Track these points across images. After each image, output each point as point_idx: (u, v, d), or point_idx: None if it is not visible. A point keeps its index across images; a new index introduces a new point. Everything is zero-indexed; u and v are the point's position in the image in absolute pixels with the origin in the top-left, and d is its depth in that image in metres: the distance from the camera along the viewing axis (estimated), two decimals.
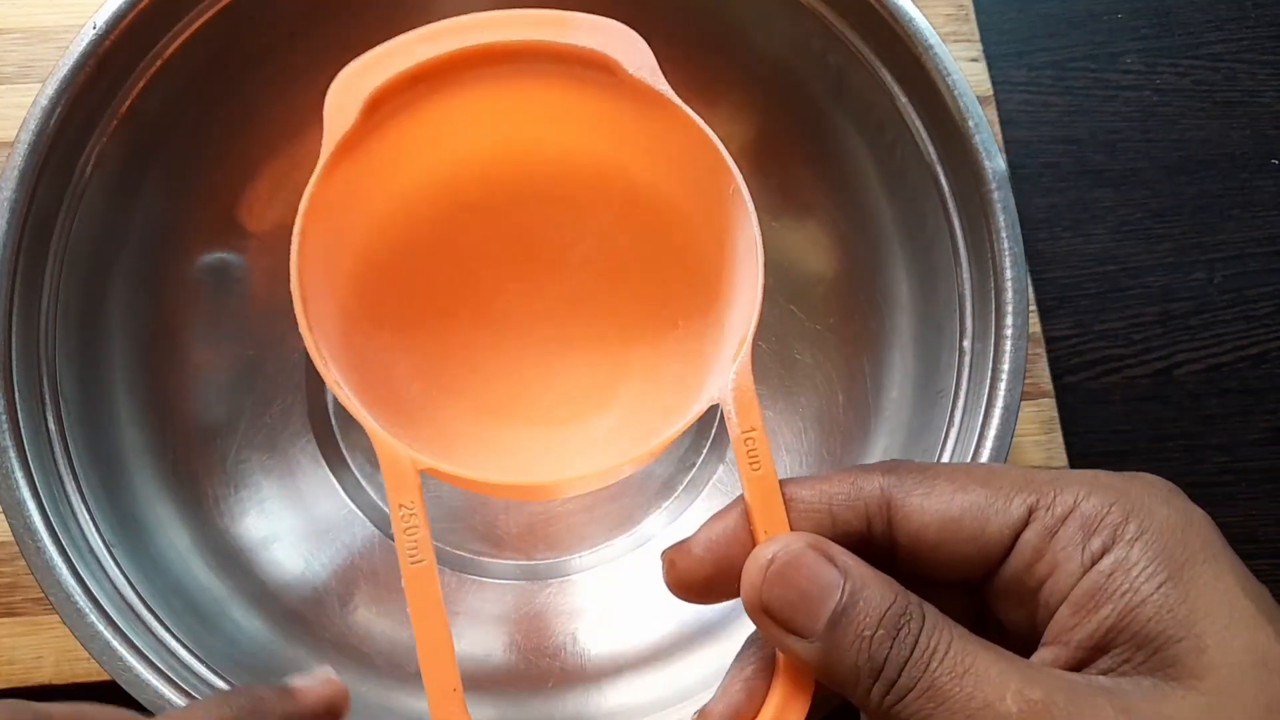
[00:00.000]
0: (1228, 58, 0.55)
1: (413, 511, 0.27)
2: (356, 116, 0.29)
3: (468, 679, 0.42)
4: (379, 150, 0.30)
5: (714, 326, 0.31)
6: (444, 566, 0.45)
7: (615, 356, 0.35)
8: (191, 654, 0.35)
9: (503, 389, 0.34)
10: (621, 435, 0.32)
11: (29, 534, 0.34)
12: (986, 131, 0.37)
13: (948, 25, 0.51)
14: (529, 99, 0.31)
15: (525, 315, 0.35)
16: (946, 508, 0.26)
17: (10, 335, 0.35)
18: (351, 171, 0.30)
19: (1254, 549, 0.49)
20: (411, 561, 0.27)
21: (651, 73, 0.30)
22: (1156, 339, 0.51)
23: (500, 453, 0.33)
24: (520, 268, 0.35)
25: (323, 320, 0.29)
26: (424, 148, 0.32)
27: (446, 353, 0.34)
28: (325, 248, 0.29)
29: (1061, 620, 0.24)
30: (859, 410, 0.43)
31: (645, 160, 0.32)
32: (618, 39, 0.30)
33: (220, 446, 0.43)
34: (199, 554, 0.40)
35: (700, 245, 0.32)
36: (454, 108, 0.31)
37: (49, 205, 0.37)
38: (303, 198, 0.28)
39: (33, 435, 0.35)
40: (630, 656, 0.43)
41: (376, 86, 0.29)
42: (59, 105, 0.36)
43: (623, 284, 0.35)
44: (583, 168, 0.33)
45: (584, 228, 0.35)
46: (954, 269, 0.39)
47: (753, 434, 0.27)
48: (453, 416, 0.33)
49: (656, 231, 0.33)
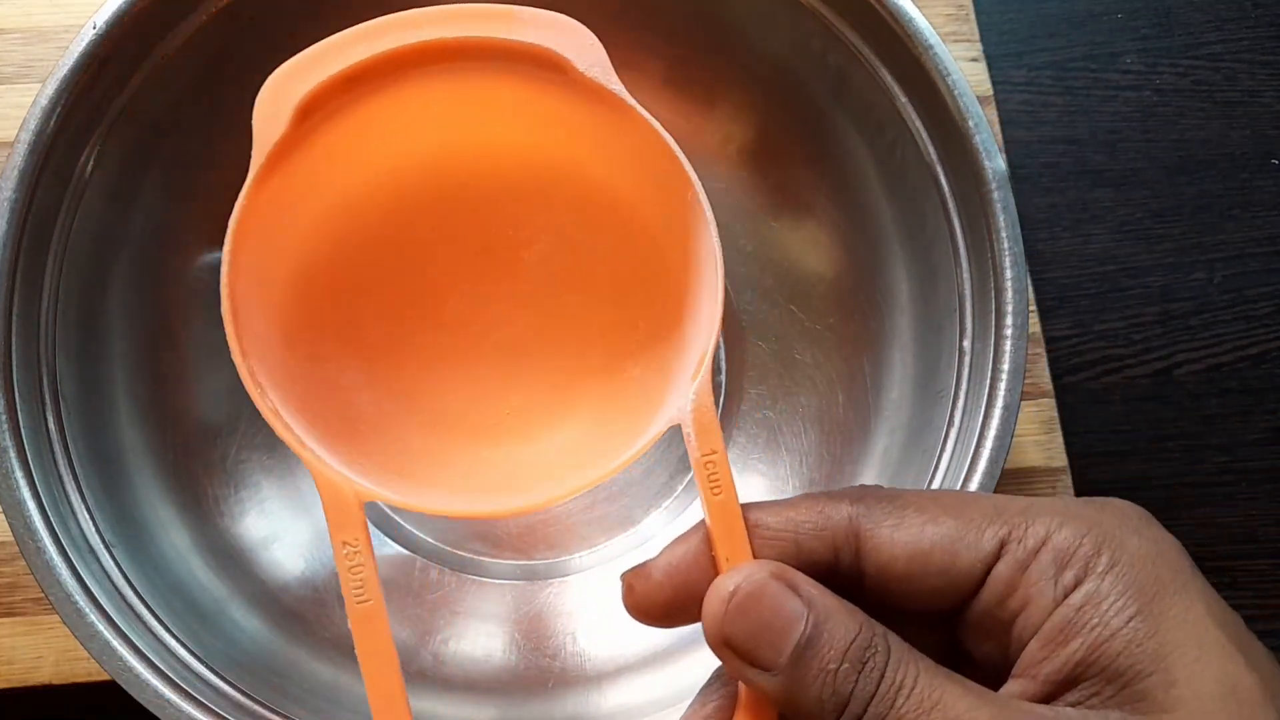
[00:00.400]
0: (1228, 58, 0.55)
1: (357, 549, 0.26)
2: (287, 124, 0.28)
3: (467, 679, 0.42)
4: (315, 158, 0.29)
5: (676, 331, 0.30)
6: (443, 566, 0.45)
7: (574, 360, 0.33)
8: (191, 654, 0.35)
9: (457, 398, 0.33)
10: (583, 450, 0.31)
11: (29, 534, 0.34)
12: (986, 131, 0.37)
13: (947, 25, 0.51)
14: (476, 98, 0.30)
15: (479, 319, 0.34)
16: (916, 540, 0.25)
17: (10, 335, 0.35)
18: (286, 182, 0.28)
19: (1254, 549, 0.49)
20: (358, 601, 0.25)
21: (604, 71, 0.28)
22: (1156, 339, 0.51)
23: (454, 471, 0.32)
24: (474, 269, 0.34)
25: (261, 339, 0.28)
26: (365, 152, 0.30)
27: (397, 360, 0.33)
28: (261, 262, 0.28)
29: (1031, 653, 0.24)
30: (859, 410, 0.43)
31: (602, 160, 0.31)
32: (568, 36, 0.28)
33: (220, 446, 0.43)
34: (199, 554, 0.40)
35: (661, 249, 0.31)
36: (395, 109, 0.30)
37: (49, 205, 0.37)
38: (232, 215, 0.27)
39: (32, 435, 0.35)
40: (629, 657, 0.43)
41: (308, 91, 0.28)
42: (59, 105, 0.36)
43: (581, 284, 0.34)
44: (537, 164, 0.32)
45: (540, 224, 0.33)
46: (954, 269, 0.39)
47: (713, 457, 0.26)
48: (405, 430, 0.32)
49: (615, 231, 0.32)
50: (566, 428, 0.32)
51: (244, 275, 0.27)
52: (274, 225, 0.28)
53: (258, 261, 0.28)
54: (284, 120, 0.28)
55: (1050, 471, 0.47)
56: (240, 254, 0.27)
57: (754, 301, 0.47)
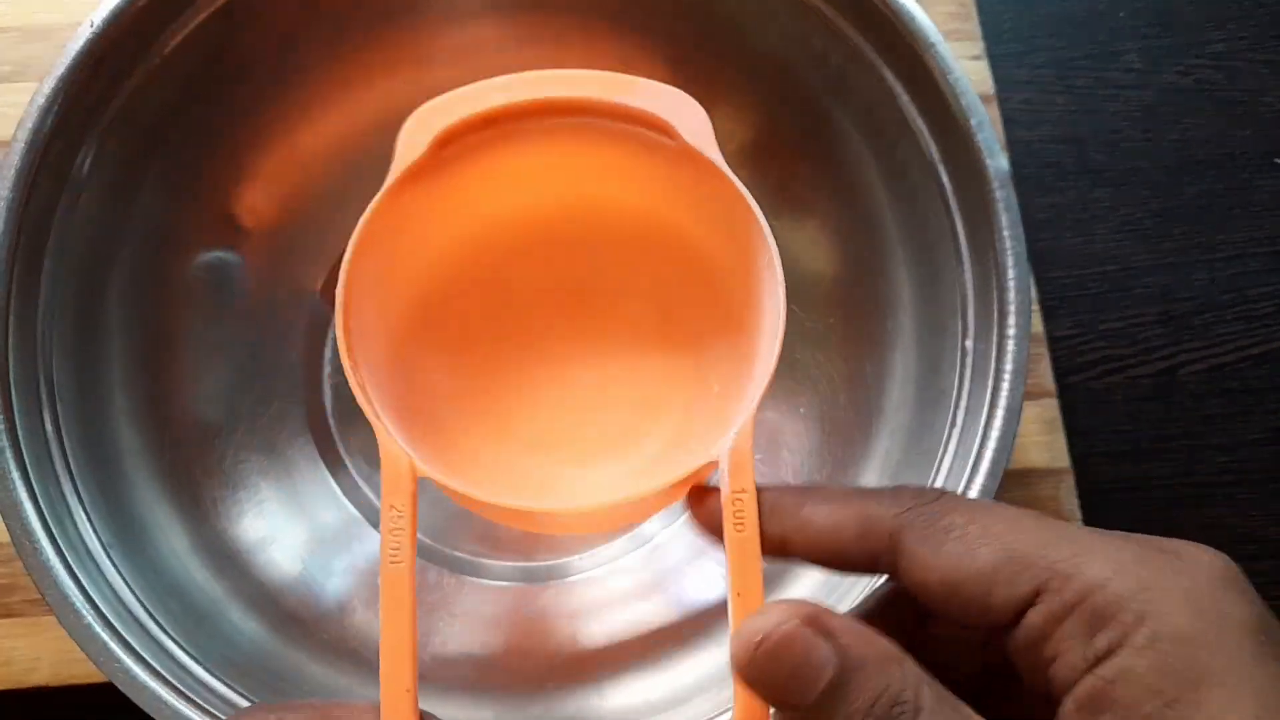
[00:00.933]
0: (1230, 57, 0.55)
1: (402, 514, 0.28)
2: (426, 149, 0.31)
3: (466, 681, 0.42)
4: (444, 183, 0.32)
5: (745, 393, 0.31)
6: (443, 568, 0.45)
7: (650, 408, 0.36)
8: (189, 655, 0.35)
9: (536, 425, 0.35)
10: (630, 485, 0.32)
11: (26, 535, 0.34)
12: (989, 130, 0.37)
13: (949, 24, 0.51)
14: (592, 152, 0.33)
15: (570, 357, 0.37)
16: (951, 570, 0.24)
17: (7, 335, 0.35)
18: (416, 198, 0.32)
19: (1256, 549, 0.49)
20: (392, 561, 0.28)
21: (706, 140, 0.31)
22: (1158, 339, 0.51)
23: (514, 479, 0.34)
24: (572, 310, 0.37)
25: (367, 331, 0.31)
26: (488, 187, 0.34)
27: (487, 384, 0.35)
28: (381, 264, 0.31)
29: (1067, 713, 0.23)
30: (860, 411, 0.43)
31: (696, 221, 0.34)
32: (678, 106, 0.32)
33: (218, 447, 0.43)
34: (196, 555, 0.40)
35: (739, 311, 0.33)
36: (520, 153, 0.33)
37: (46, 204, 0.37)
38: (365, 212, 0.30)
39: (30, 435, 0.35)
40: (629, 659, 0.43)
41: (448, 124, 0.31)
42: (56, 104, 0.36)
43: (668, 339, 0.36)
44: (640, 220, 0.35)
45: (638, 279, 0.36)
46: (956, 269, 0.39)
47: (742, 495, 0.28)
48: (482, 446, 0.34)
49: (704, 291, 0.34)
50: (625, 463, 0.35)
51: (364, 272, 0.30)
52: (399, 235, 0.32)
53: (378, 264, 0.31)
54: (423, 145, 0.31)
55: (1053, 472, 0.47)
56: (363, 251, 0.30)
57: None
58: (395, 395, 0.31)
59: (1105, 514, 0.49)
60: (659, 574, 0.45)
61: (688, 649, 0.42)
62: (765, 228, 0.31)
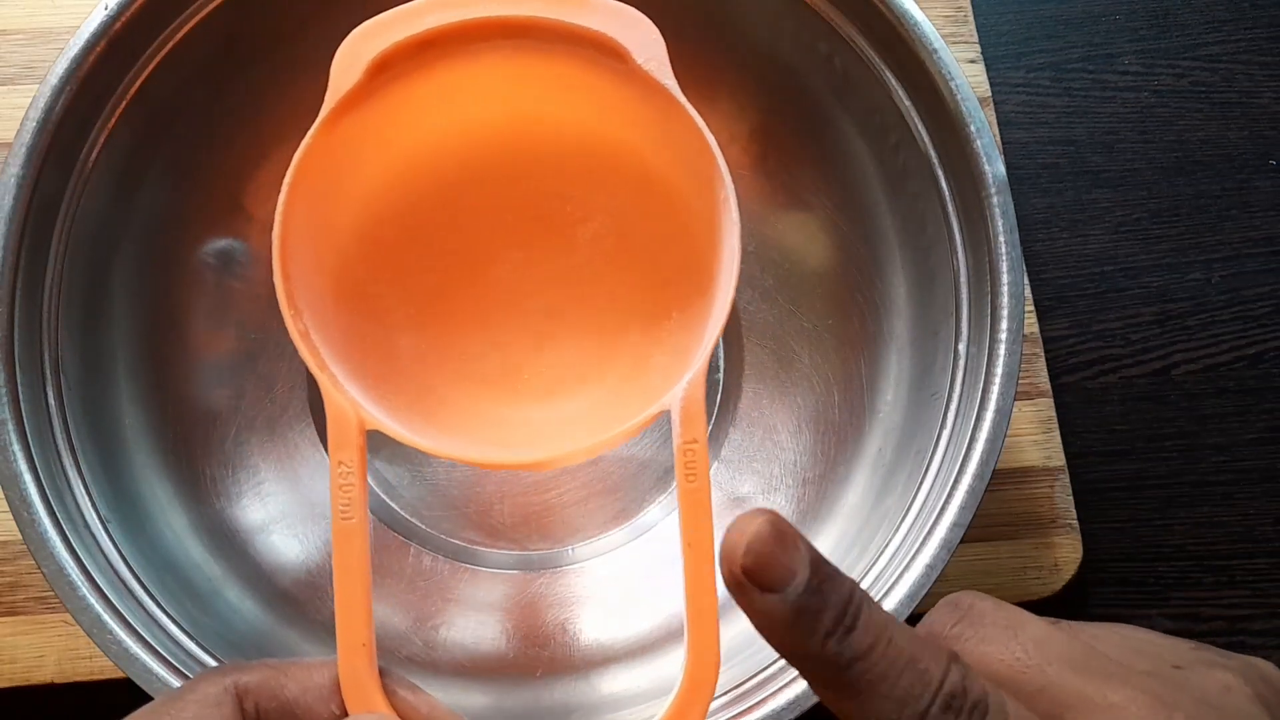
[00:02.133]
0: (1225, 59, 0.55)
1: (351, 470, 0.28)
2: (361, 75, 0.29)
3: (457, 666, 0.42)
4: (383, 110, 0.31)
5: (702, 327, 0.31)
6: (438, 554, 0.45)
7: (607, 337, 0.35)
8: (184, 632, 0.35)
9: (492, 354, 0.35)
10: (598, 417, 0.32)
11: (25, 507, 0.34)
12: (988, 136, 0.37)
13: (946, 27, 0.51)
14: (540, 75, 0.32)
15: (525, 283, 0.35)
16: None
17: (14, 310, 0.36)
18: (354, 127, 0.30)
19: (1252, 548, 0.49)
20: (343, 518, 0.27)
21: (660, 65, 0.30)
22: (1154, 339, 0.51)
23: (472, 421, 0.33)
24: (525, 236, 0.35)
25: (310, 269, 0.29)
26: (430, 113, 0.32)
27: (442, 311, 0.35)
28: (321, 199, 0.30)
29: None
30: (854, 411, 0.44)
31: (655, 149, 0.32)
32: (631, 27, 0.30)
33: (220, 428, 0.43)
34: (195, 534, 0.40)
35: (697, 242, 0.32)
36: (462, 76, 0.31)
37: (55, 184, 0.37)
38: (300, 146, 0.29)
39: (32, 409, 0.36)
40: (617, 648, 0.43)
41: (383, 49, 0.30)
42: (68, 85, 0.37)
43: (626, 265, 0.35)
44: (596, 145, 0.33)
45: (595, 204, 0.35)
46: (952, 272, 0.39)
47: (694, 445, 0.27)
48: (437, 377, 0.33)
49: (665, 220, 0.33)
50: (584, 396, 0.34)
51: (301, 208, 0.29)
52: (338, 167, 0.30)
53: (317, 199, 0.30)
54: (358, 72, 0.29)
55: (1048, 471, 0.47)
56: (300, 187, 0.29)
57: (754, 301, 0.47)
58: (344, 337, 0.30)
59: (1100, 513, 0.49)
60: (653, 564, 0.45)
61: (674, 641, 0.41)
62: (721, 162, 0.29)
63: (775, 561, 0.23)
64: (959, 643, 0.26)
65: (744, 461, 0.46)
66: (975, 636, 0.26)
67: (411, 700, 0.29)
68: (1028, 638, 0.25)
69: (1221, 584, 0.48)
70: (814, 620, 0.23)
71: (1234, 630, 0.48)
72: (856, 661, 0.23)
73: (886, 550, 0.36)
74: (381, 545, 0.45)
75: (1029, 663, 0.25)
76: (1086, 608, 0.48)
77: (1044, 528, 0.46)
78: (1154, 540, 0.49)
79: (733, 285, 0.29)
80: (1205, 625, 0.48)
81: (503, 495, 0.46)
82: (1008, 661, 0.25)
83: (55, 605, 0.44)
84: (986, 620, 0.26)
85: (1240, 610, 0.48)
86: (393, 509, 0.45)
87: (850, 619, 0.23)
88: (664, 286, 0.34)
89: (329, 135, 0.30)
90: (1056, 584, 0.46)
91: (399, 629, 0.43)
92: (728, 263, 0.29)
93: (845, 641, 0.23)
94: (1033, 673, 0.25)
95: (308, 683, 0.28)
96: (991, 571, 0.46)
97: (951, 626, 0.26)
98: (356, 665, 0.27)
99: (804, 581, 0.23)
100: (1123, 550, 0.49)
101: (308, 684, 0.28)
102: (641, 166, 0.33)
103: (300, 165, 0.29)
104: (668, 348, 0.33)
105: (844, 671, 0.23)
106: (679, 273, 0.33)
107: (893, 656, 0.23)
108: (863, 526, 0.40)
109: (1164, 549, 0.49)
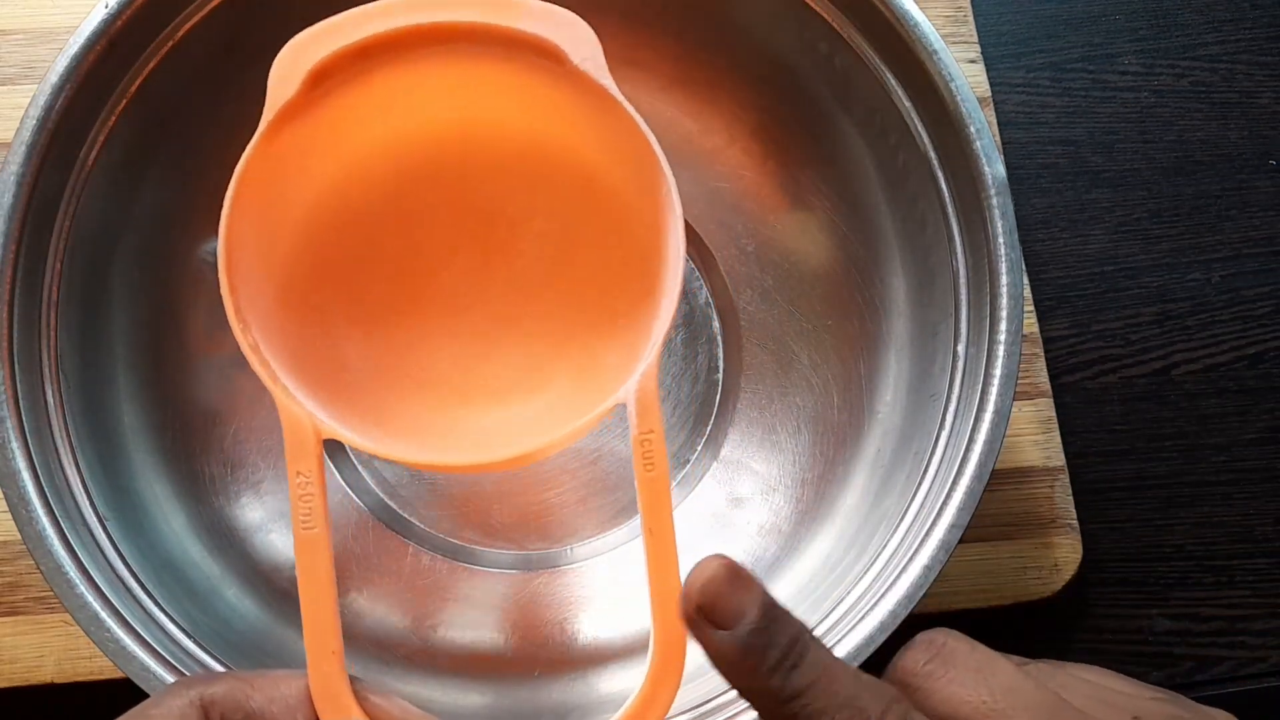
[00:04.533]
0: (1225, 59, 0.55)
1: (310, 480, 0.28)
2: (299, 87, 0.30)
3: (455, 665, 0.42)
4: (324, 121, 0.31)
5: (650, 323, 0.31)
6: (437, 553, 0.45)
7: (556, 339, 0.35)
8: (183, 631, 0.35)
9: (442, 360, 0.35)
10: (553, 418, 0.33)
11: (23, 505, 0.34)
12: (988, 137, 0.37)
13: (946, 27, 0.51)
14: (479, 80, 0.32)
15: (472, 289, 0.36)
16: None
17: (12, 307, 0.36)
18: (294, 139, 0.30)
19: (1251, 548, 0.49)
20: (304, 527, 0.28)
21: (596, 65, 0.30)
22: (1154, 339, 0.51)
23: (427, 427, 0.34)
24: (471, 243, 0.36)
25: (257, 282, 0.30)
26: (371, 121, 0.32)
27: (390, 320, 0.35)
28: (265, 212, 0.30)
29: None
30: (853, 412, 0.44)
31: (596, 150, 0.32)
32: (566, 28, 0.30)
33: (219, 427, 0.43)
34: (194, 532, 0.40)
35: (642, 242, 0.32)
36: (402, 83, 0.31)
37: (55, 182, 0.37)
38: (240, 160, 0.29)
39: (31, 406, 0.36)
40: (614, 648, 0.43)
41: (321, 58, 0.30)
42: (68, 84, 0.37)
43: (572, 267, 0.35)
44: (536, 148, 0.34)
45: (537, 206, 0.35)
46: (951, 273, 0.39)
47: (650, 435, 0.28)
48: (389, 385, 0.34)
49: (607, 220, 0.34)
50: (537, 399, 0.34)
51: (245, 222, 0.29)
52: (281, 179, 0.30)
53: (261, 211, 0.30)
54: (296, 83, 0.30)
55: (1048, 471, 0.47)
56: (243, 201, 0.29)
57: (754, 301, 0.47)
58: (294, 349, 0.30)
59: (1100, 513, 0.49)
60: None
61: None
62: (661, 156, 0.30)
63: (727, 602, 0.26)
64: (929, 680, 0.27)
65: (743, 462, 0.46)
66: (945, 677, 0.27)
67: (385, 706, 0.29)
68: (998, 684, 0.27)
69: (1221, 584, 0.48)
70: (761, 656, 0.25)
71: (1234, 630, 0.48)
72: (798, 697, 0.25)
73: (885, 551, 0.36)
74: (380, 544, 0.45)
75: (994, 708, 0.26)
76: (1086, 608, 0.48)
77: (1044, 528, 0.46)
78: (1154, 540, 0.49)
79: (679, 278, 0.29)
80: (1205, 625, 0.48)
81: (501, 494, 0.46)
82: (974, 704, 0.26)
83: (55, 605, 0.44)
84: (958, 661, 0.27)
85: (1240, 610, 0.48)
86: (391, 508, 0.45)
87: (795, 657, 0.26)
88: (610, 286, 0.34)
89: (270, 147, 0.30)
90: (1056, 584, 0.46)
91: (397, 628, 0.43)
92: (673, 257, 0.30)
93: (789, 677, 0.25)
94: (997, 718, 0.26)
95: (274, 694, 0.28)
96: (991, 572, 0.46)
97: (924, 664, 0.27)
98: (328, 673, 0.28)
99: (753, 621, 0.26)
100: (1123, 550, 0.49)
101: (274, 695, 0.28)
102: (582, 168, 0.33)
103: (242, 179, 0.29)
104: (618, 346, 0.33)
105: (786, 705, 0.25)
106: (625, 272, 0.33)
107: (834, 692, 0.25)
108: (861, 527, 0.40)
109: (1164, 549, 0.49)
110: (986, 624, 0.46)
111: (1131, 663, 0.47)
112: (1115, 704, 0.27)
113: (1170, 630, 0.48)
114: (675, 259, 0.30)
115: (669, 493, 0.28)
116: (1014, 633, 0.47)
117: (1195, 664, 0.47)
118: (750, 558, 0.44)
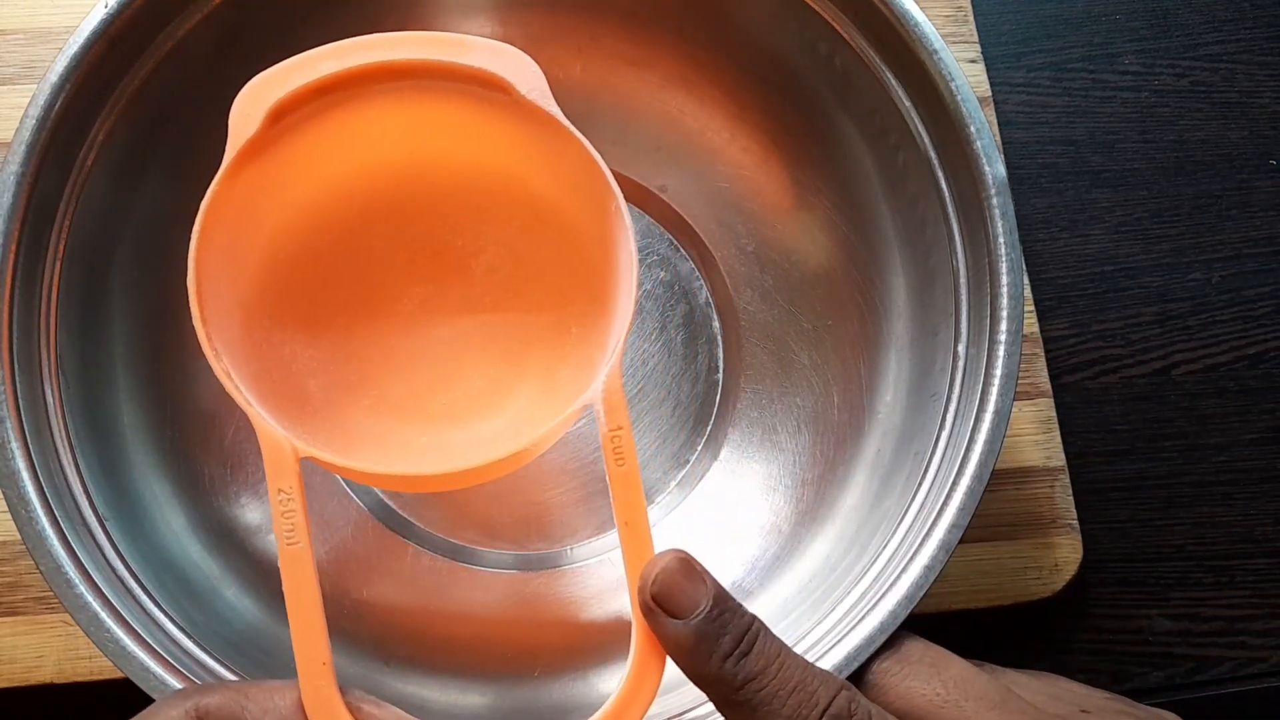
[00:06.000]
0: (1225, 59, 0.55)
1: (291, 496, 0.29)
2: (260, 125, 0.31)
3: (456, 665, 0.42)
4: (284, 157, 0.32)
5: (604, 335, 0.33)
6: (437, 553, 0.45)
7: (513, 359, 0.37)
8: (182, 631, 0.35)
9: (400, 387, 0.36)
10: (513, 435, 0.34)
11: (23, 505, 0.34)
12: (988, 136, 0.37)
13: (946, 27, 0.51)
14: (432, 114, 0.34)
15: (428, 317, 0.37)
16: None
17: (11, 307, 0.36)
18: (256, 175, 0.32)
19: (1251, 548, 0.49)
20: (288, 543, 0.29)
21: (542, 95, 0.32)
22: (1154, 339, 0.51)
23: (390, 449, 0.35)
24: (425, 272, 0.37)
25: (224, 315, 0.31)
26: (330, 156, 0.34)
27: (349, 350, 0.36)
28: (229, 247, 0.31)
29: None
30: (853, 412, 0.44)
31: (543, 175, 0.34)
32: (511, 62, 0.32)
33: (218, 427, 0.43)
34: (193, 532, 0.40)
35: (592, 257, 0.34)
36: (359, 120, 0.33)
37: (54, 182, 0.37)
38: (204, 200, 0.30)
39: (30, 406, 0.36)
40: (615, 648, 0.43)
41: (280, 97, 0.31)
42: (68, 83, 0.37)
43: (523, 290, 0.37)
44: (488, 179, 0.35)
45: (489, 235, 0.37)
46: (952, 273, 0.39)
47: (619, 432, 0.30)
48: (349, 413, 0.35)
49: (556, 242, 0.35)
50: (497, 417, 0.36)
51: (212, 256, 0.30)
52: (243, 214, 0.32)
53: (226, 246, 0.31)
54: (257, 121, 0.31)
55: (1048, 471, 0.47)
56: (209, 236, 0.30)
57: (754, 301, 0.47)
58: (259, 376, 0.32)
59: (1100, 513, 0.49)
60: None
61: None
62: (607, 173, 0.31)
63: (680, 592, 0.28)
64: (886, 676, 0.30)
65: (743, 462, 0.46)
66: (901, 672, 0.30)
67: (378, 715, 0.29)
68: (950, 676, 0.29)
69: (1221, 584, 0.48)
70: (713, 644, 0.27)
71: (1234, 630, 0.48)
72: (749, 682, 0.27)
73: (885, 551, 0.36)
74: (380, 545, 0.45)
75: (948, 698, 0.29)
76: (1087, 608, 0.48)
77: (1044, 528, 0.46)
78: (1154, 540, 0.49)
79: (634, 285, 0.31)
80: (1205, 625, 0.48)
81: (501, 495, 0.46)
82: (928, 696, 0.29)
83: (55, 605, 0.44)
84: (913, 658, 0.30)
85: (1240, 610, 0.48)
86: (391, 508, 0.45)
87: (746, 645, 0.28)
88: (563, 305, 0.36)
89: (233, 183, 0.31)
90: (1057, 584, 0.46)
91: (397, 628, 0.43)
92: (625, 268, 0.31)
93: (740, 664, 0.27)
94: (950, 708, 0.28)
95: (268, 704, 0.29)
96: (991, 572, 0.46)
97: (880, 662, 0.30)
98: (319, 685, 0.28)
99: (705, 611, 0.28)
100: (1123, 550, 0.49)
101: (268, 706, 0.29)
102: (528, 195, 0.35)
103: (207, 214, 0.30)
104: (572, 362, 0.35)
105: (738, 691, 0.27)
106: (575, 290, 0.35)
107: (783, 679, 0.27)
108: (861, 527, 0.40)
109: (1164, 549, 0.49)
110: (987, 624, 0.46)
111: (1131, 663, 0.47)
112: (1063, 699, 0.29)
113: (1170, 630, 0.48)
114: (628, 269, 0.31)
115: (640, 485, 0.30)
116: (1014, 633, 0.47)
117: (1195, 664, 0.47)
118: (750, 558, 0.44)
